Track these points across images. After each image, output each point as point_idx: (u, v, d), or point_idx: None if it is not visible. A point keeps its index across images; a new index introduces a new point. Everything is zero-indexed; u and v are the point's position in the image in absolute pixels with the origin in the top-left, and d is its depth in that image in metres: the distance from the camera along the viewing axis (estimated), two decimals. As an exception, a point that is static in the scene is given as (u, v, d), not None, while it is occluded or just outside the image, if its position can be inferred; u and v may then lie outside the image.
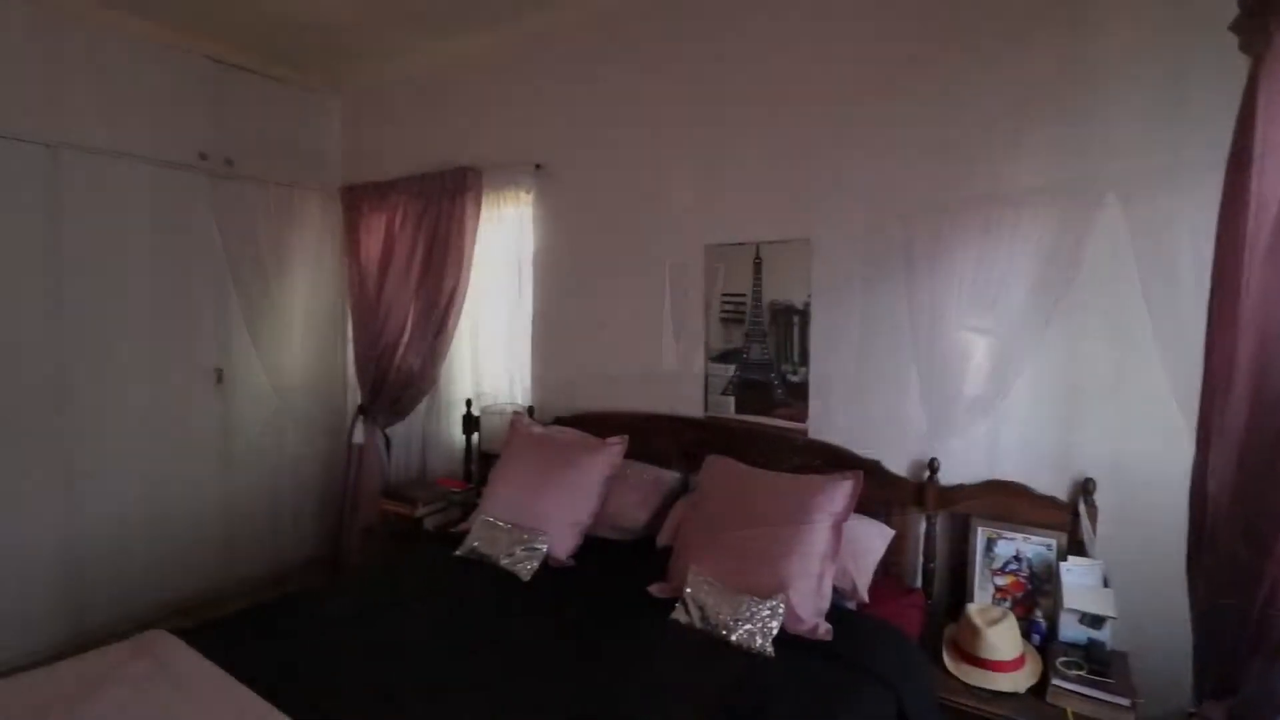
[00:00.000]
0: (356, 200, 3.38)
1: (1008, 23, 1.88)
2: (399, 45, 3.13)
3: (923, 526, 2.02)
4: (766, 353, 2.34)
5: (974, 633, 1.67)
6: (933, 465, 1.98)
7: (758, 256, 2.34)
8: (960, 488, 1.96)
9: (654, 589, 1.90)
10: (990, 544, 1.94)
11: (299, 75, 3.42)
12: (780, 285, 2.31)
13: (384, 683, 1.46)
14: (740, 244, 2.37)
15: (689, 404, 2.49)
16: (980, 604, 1.83)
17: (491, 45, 3.01)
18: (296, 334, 3.43)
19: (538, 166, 2.83)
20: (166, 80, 2.91)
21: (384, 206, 3.27)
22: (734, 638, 1.62)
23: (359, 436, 3.21)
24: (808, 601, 1.69)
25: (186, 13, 2.78)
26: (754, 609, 1.65)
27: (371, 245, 3.33)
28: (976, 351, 1.96)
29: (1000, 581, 1.92)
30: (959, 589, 1.99)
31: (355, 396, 3.48)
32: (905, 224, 2.04)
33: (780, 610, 1.64)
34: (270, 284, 3.30)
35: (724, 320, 2.44)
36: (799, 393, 2.27)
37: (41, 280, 2.56)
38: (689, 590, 1.77)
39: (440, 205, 3.00)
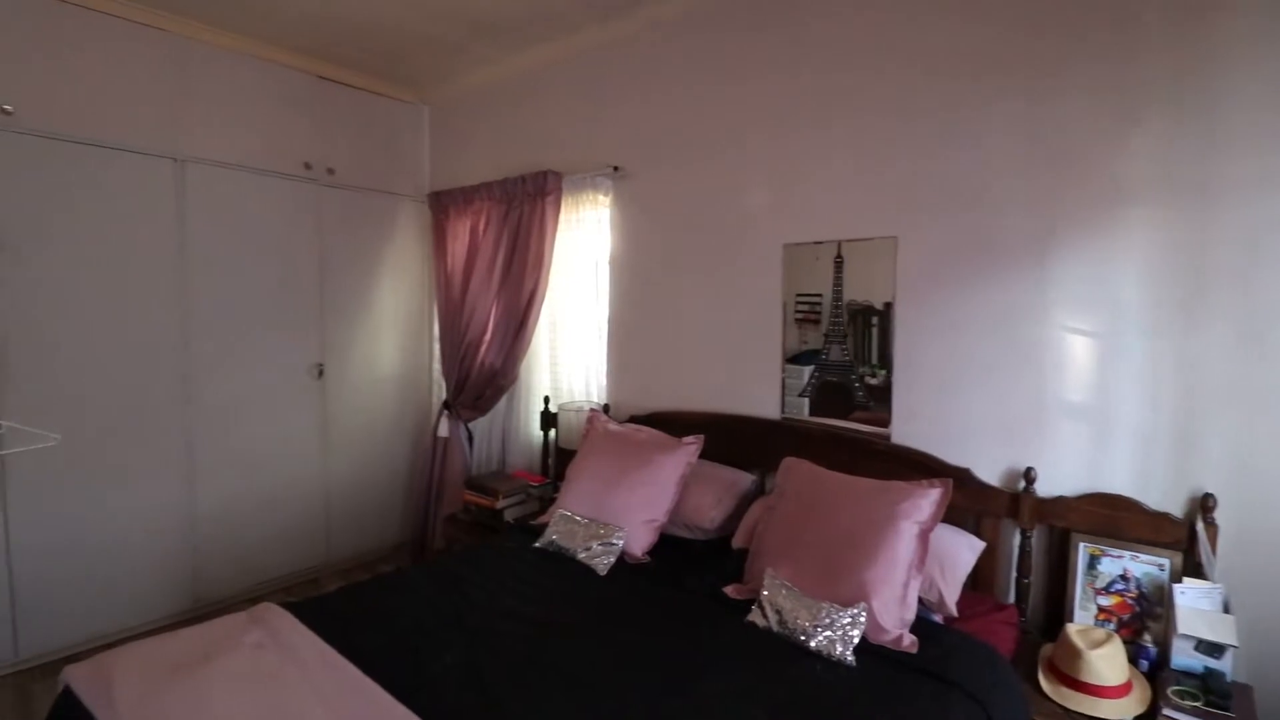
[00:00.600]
0: (443, 205, 3.54)
1: (1116, 9, 1.76)
2: (482, 57, 3.26)
3: (1017, 539, 1.92)
4: (847, 354, 2.28)
5: (1074, 654, 1.57)
6: (1029, 475, 1.88)
7: (839, 255, 2.29)
8: (1060, 500, 1.85)
9: (730, 590, 1.90)
10: (1093, 561, 1.82)
11: (392, 89, 3.61)
12: (861, 285, 2.25)
13: (471, 664, 1.53)
14: (820, 243, 2.33)
15: (764, 405, 2.47)
16: (1081, 624, 1.72)
17: (570, 52, 3.08)
18: (387, 332, 3.64)
19: (615, 169, 2.87)
20: (276, 97, 3.15)
21: (468, 211, 3.41)
22: (813, 644, 1.60)
23: (444, 430, 3.37)
24: (891, 611, 1.65)
25: (294, 35, 2.99)
26: (834, 616, 1.62)
27: (457, 249, 3.48)
28: (1082, 354, 1.85)
29: (1104, 602, 1.80)
30: (1056, 607, 1.88)
31: (440, 392, 3.66)
32: (1004, 221, 1.94)
33: (862, 619, 1.61)
34: (365, 285, 3.51)
35: (798, 321, 2.41)
36: (880, 396, 2.21)
37: (173, 285, 2.83)
38: (766, 593, 1.76)
39: (521, 209, 3.10)
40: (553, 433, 3.04)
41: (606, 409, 2.89)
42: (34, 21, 2.45)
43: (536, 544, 2.23)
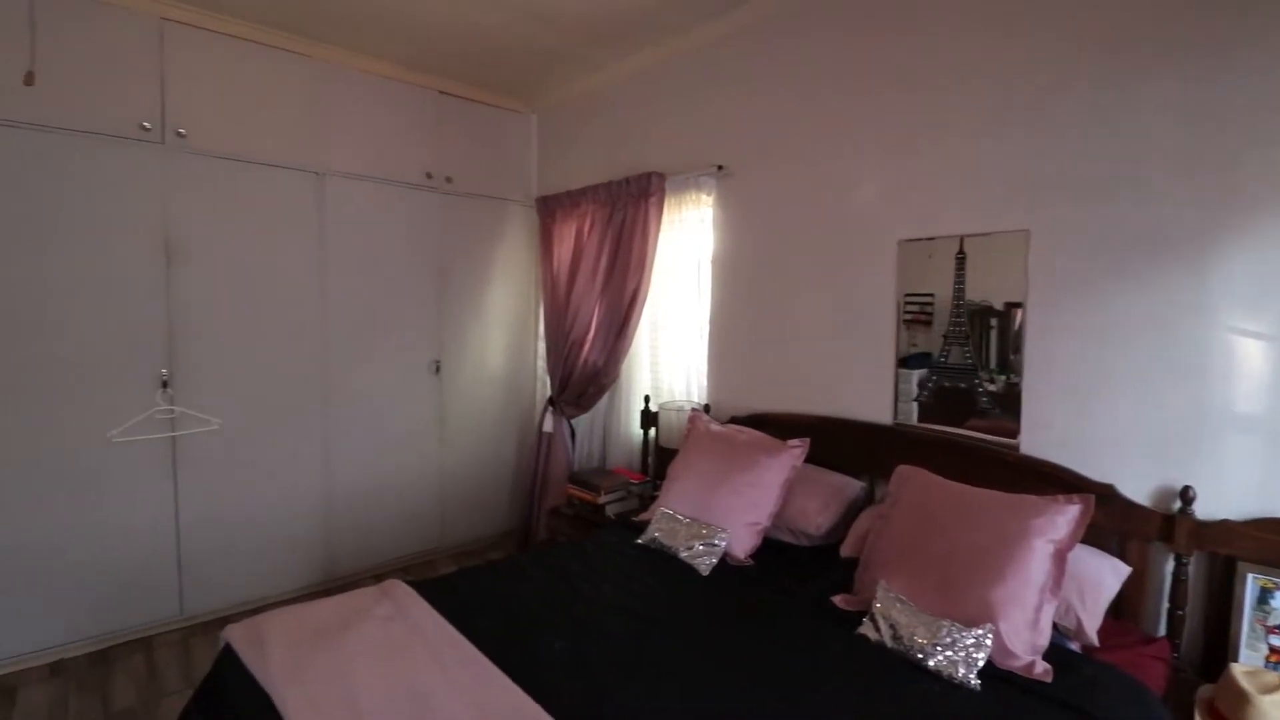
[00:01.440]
0: (550, 209, 3.67)
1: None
2: (589, 64, 3.35)
3: (1169, 566, 1.72)
4: (969, 357, 2.14)
5: (1242, 699, 1.39)
6: (1186, 495, 1.68)
7: (961, 251, 2.16)
8: (1223, 524, 1.64)
9: (839, 600, 1.84)
10: (1264, 595, 1.61)
11: (504, 100, 3.79)
12: (982, 283, 2.11)
13: (578, 652, 1.58)
14: (933, 239, 2.20)
15: (874, 409, 2.37)
16: (1249, 665, 1.53)
17: (674, 54, 3.10)
18: (497, 331, 3.82)
19: (719, 168, 2.85)
20: (403, 113, 3.39)
21: (574, 214, 3.52)
22: (931, 663, 1.51)
23: (548, 425, 3.49)
24: (1021, 635, 1.53)
25: (419, 56, 3.21)
26: (956, 635, 1.53)
27: (562, 251, 3.60)
28: (1254, 360, 1.63)
29: (1277, 641, 1.58)
30: (1217, 645, 1.67)
31: (545, 389, 3.80)
32: (1159, 213, 1.75)
33: (988, 641, 1.50)
34: (478, 287, 3.71)
35: (907, 322, 2.29)
36: (1007, 403, 2.05)
37: (314, 288, 3.12)
38: (878, 605, 1.69)
39: (625, 210, 3.15)
40: (652, 431, 3.07)
41: (707, 409, 2.88)
42: (200, 53, 2.78)
43: (639, 540, 2.26)
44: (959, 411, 2.17)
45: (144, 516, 2.72)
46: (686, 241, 3.06)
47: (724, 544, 2.10)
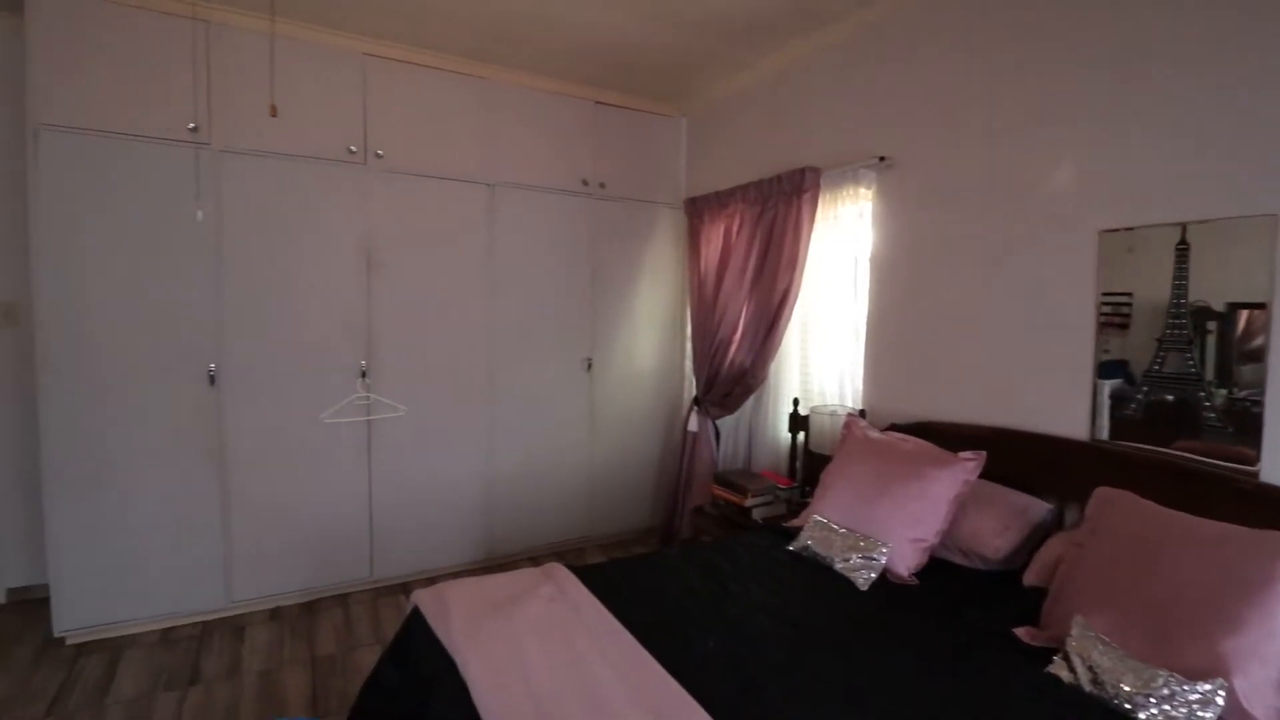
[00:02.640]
0: (698, 210, 3.70)
1: None
2: (738, 62, 3.32)
3: None
4: (1192, 366, 1.83)
5: None
6: None
7: (1183, 241, 1.85)
8: None
9: (1022, 633, 1.65)
10: None
11: (655, 105, 3.88)
12: (1208, 279, 1.79)
13: (732, 653, 1.56)
14: (1144, 227, 1.91)
15: (1063, 422, 2.10)
16: None
17: (828, 43, 2.98)
18: (645, 331, 3.92)
19: (881, 159, 2.70)
20: (563, 124, 3.59)
21: (722, 215, 3.51)
22: (1142, 716, 1.31)
23: (694, 425, 3.52)
24: (1263, 696, 1.28)
25: (578, 68, 3.38)
26: (1175, 688, 1.31)
27: (710, 251, 3.61)
28: None
29: None
30: None
31: (691, 388, 3.83)
32: None
33: (1219, 698, 1.27)
34: (628, 288, 3.83)
35: (1102, 324, 2.01)
36: (1243, 421, 1.73)
37: (483, 290, 3.40)
38: (1074, 644, 1.49)
39: (776, 209, 3.09)
40: (801, 436, 2.98)
41: (862, 414, 2.73)
42: (394, 82, 3.13)
43: (790, 547, 2.20)
44: (1171, 429, 1.86)
45: (345, 489, 3.13)
46: (841, 238, 2.93)
47: (884, 559, 1.98)
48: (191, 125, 2.72)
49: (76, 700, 2.33)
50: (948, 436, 2.30)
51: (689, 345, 3.89)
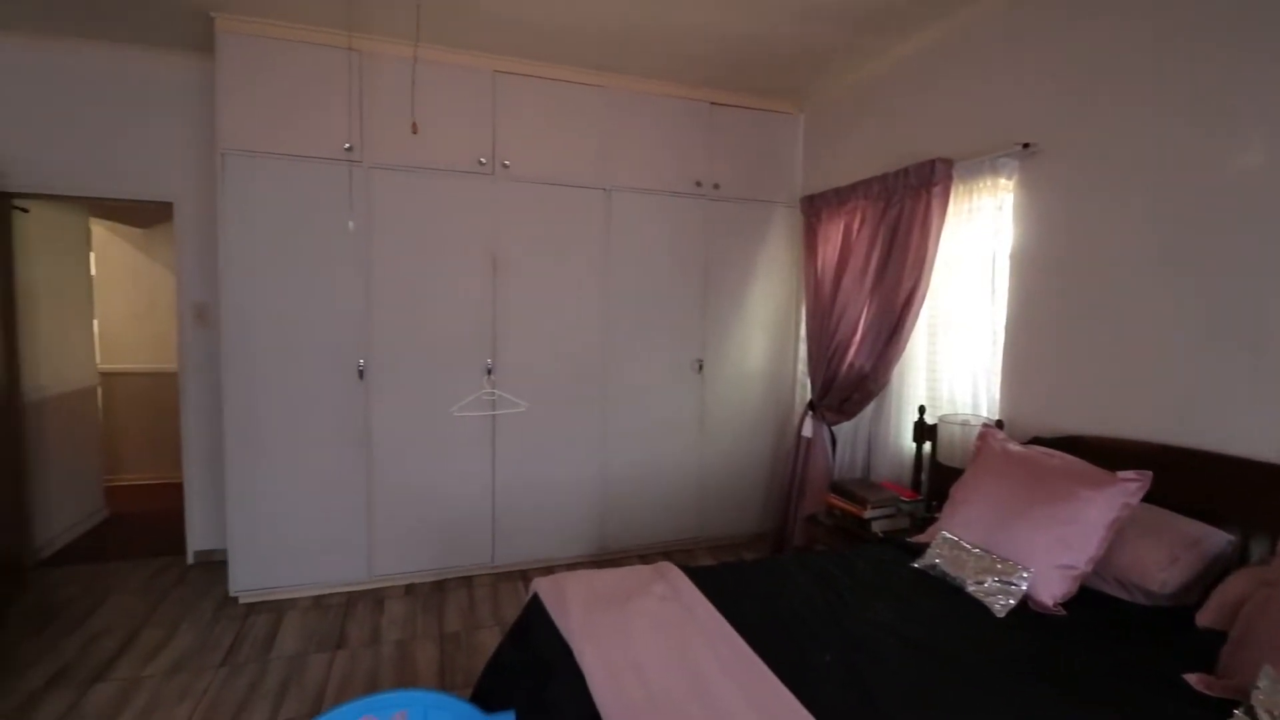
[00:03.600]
0: (815, 208, 3.58)
1: None
2: (862, 52, 3.17)
3: None
4: None
5: None
6: None
7: None
8: None
9: (1195, 680, 1.45)
10: None
11: (772, 103, 3.80)
12: None
13: (852, 669, 1.49)
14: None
15: (1255, 442, 1.81)
16: None
17: (961, 26, 2.77)
18: (757, 332, 3.85)
19: (1024, 146, 2.47)
20: (678, 126, 3.61)
21: (841, 212, 3.37)
22: (1362, 795, 1.10)
23: (808, 430, 3.41)
24: None
25: (693, 71, 3.38)
26: None
27: (827, 250, 3.48)
28: None
29: None
30: None
31: (805, 392, 3.72)
32: None
33: None
34: (740, 288, 3.79)
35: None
36: None
37: (598, 291, 3.50)
38: (1261, 697, 1.28)
39: (902, 204, 2.92)
40: (928, 446, 2.79)
41: (1000, 425, 2.52)
42: (520, 95, 3.29)
43: (915, 564, 2.07)
44: None
45: (471, 478, 3.34)
46: (976, 234, 2.72)
47: (1025, 585, 1.81)
48: (347, 145, 3.02)
49: (245, 653, 2.66)
50: (1103, 453, 2.07)
51: (803, 348, 3.77)
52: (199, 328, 3.44)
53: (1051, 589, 1.80)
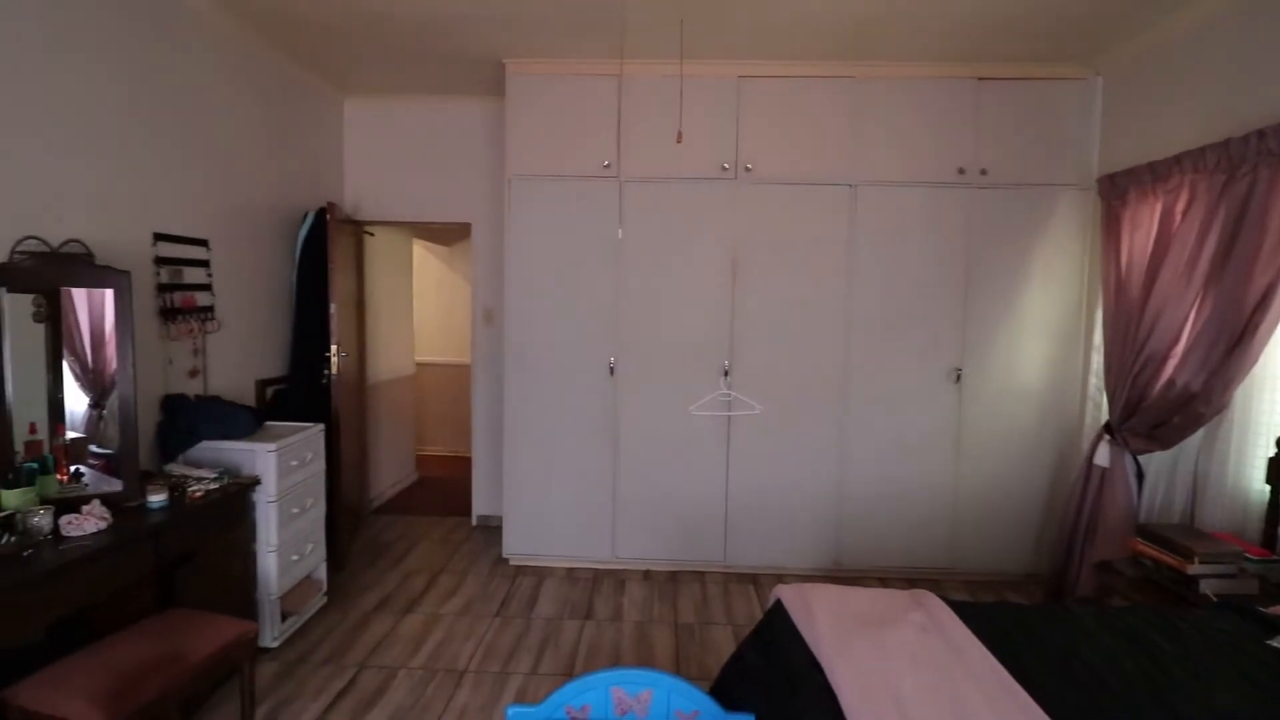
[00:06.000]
0: (1119, 189, 2.96)
1: None
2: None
3: None
4: None
5: None
6: None
7: None
8: None
9: None
10: None
11: (1055, 69, 3.25)
12: None
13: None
14: None
15: None
16: None
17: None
18: (1031, 338, 3.33)
19: None
20: (934, 110, 3.28)
21: (1157, 191, 2.74)
22: None
23: (1103, 458, 2.83)
24: None
25: (951, 44, 3.03)
26: None
27: (1136, 239, 2.86)
28: None
29: None
30: None
31: (1098, 411, 3.11)
32: None
33: None
34: (1010, 288, 3.31)
35: None
36: None
37: (839, 293, 3.34)
38: None
39: (1254, 176, 2.28)
40: (1292, 491, 2.13)
41: None
42: (762, 97, 3.28)
43: (1273, 642, 1.59)
44: None
45: (706, 476, 3.43)
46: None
47: None
48: (605, 163, 3.32)
49: (513, 609, 3.07)
50: None
51: (1096, 358, 3.15)
52: (487, 327, 4.07)
53: None
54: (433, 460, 5.76)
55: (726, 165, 3.31)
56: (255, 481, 2.51)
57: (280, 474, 2.59)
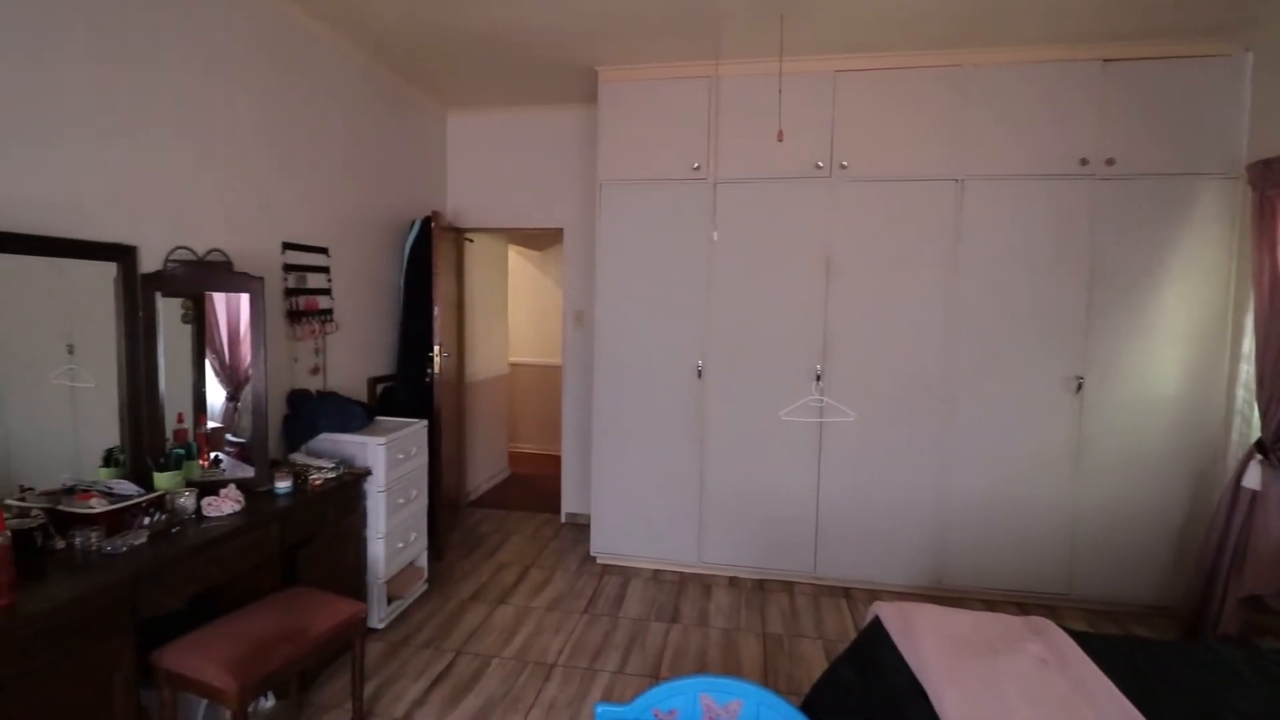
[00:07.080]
0: (1275, 177, 2.62)
1: None
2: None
3: None
4: None
5: None
6: None
7: None
8: None
9: None
10: None
11: (1198, 46, 2.91)
12: None
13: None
14: None
15: None
16: None
17: None
18: (1166, 345, 3.00)
19: None
20: (1051, 98, 3.03)
21: (1331, 178, 2.40)
22: None
23: (1253, 480, 2.51)
24: None
25: (1075, 24, 2.78)
26: None
27: (1300, 233, 2.52)
28: None
29: None
30: None
31: (1247, 428, 2.77)
32: None
33: None
34: (1141, 288, 3.00)
35: None
36: None
37: (944, 294, 3.15)
38: None
39: None
40: None
41: None
42: (858, 92, 3.16)
43: None
44: None
45: (796, 483, 3.34)
46: None
47: None
48: (695, 165, 3.31)
49: (600, 607, 3.11)
50: None
51: (1246, 368, 2.80)
52: (577, 330, 4.16)
53: None
54: (524, 457, 5.95)
55: (820, 163, 3.21)
56: (367, 472, 2.69)
57: (389, 466, 2.76)
